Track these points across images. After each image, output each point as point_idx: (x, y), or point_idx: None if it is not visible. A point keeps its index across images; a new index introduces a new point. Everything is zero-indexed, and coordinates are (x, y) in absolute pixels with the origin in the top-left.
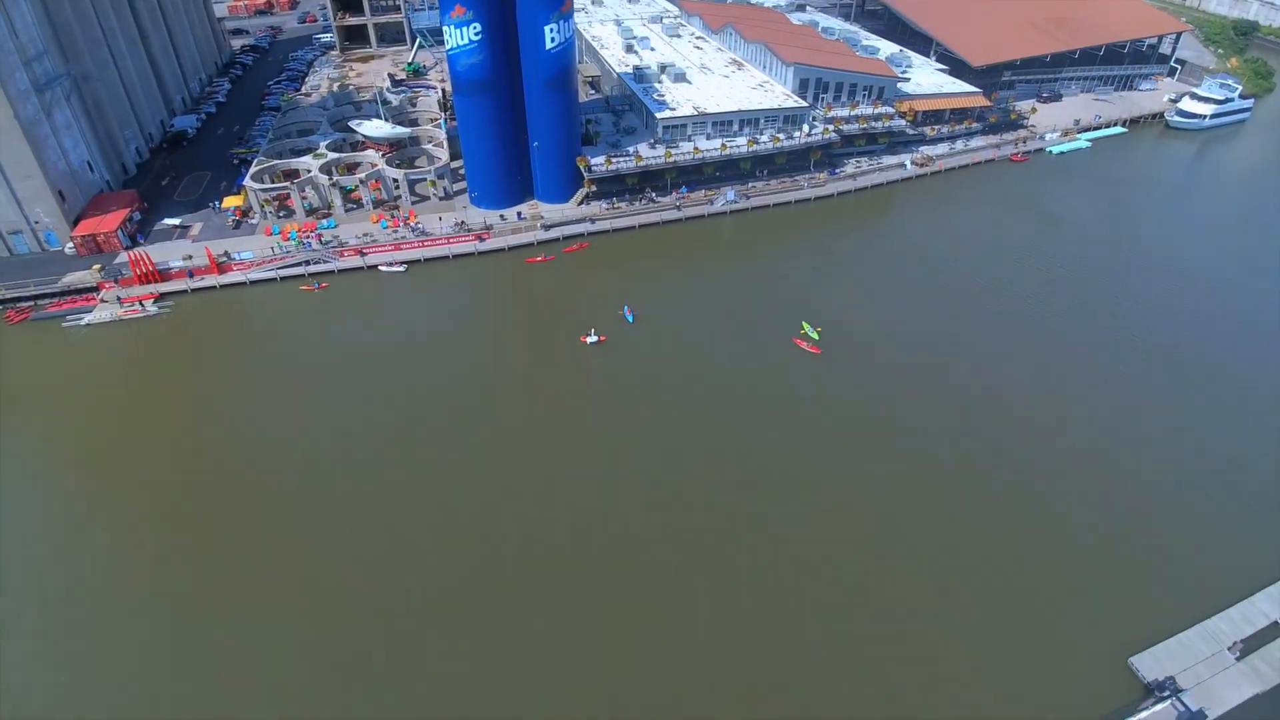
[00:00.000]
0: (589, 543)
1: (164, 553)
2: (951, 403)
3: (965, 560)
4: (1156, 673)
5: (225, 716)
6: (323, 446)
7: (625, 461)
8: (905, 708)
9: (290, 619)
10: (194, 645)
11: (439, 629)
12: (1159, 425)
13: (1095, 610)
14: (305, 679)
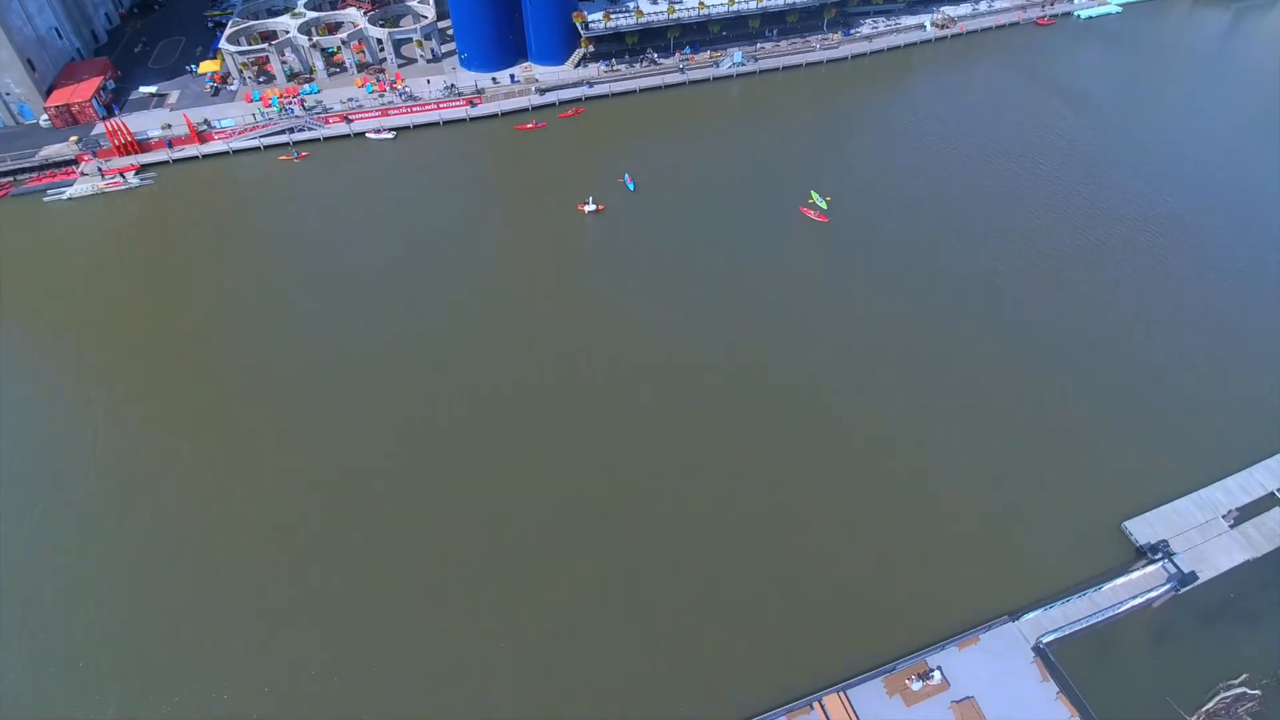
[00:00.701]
0: (587, 416)
1: (156, 419)
2: (959, 275)
3: (967, 426)
4: (1149, 537)
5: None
6: (313, 316)
7: (624, 333)
8: (905, 568)
9: (283, 482)
10: (189, 517)
11: (434, 482)
12: (1167, 297)
13: (1093, 477)
14: (300, 534)
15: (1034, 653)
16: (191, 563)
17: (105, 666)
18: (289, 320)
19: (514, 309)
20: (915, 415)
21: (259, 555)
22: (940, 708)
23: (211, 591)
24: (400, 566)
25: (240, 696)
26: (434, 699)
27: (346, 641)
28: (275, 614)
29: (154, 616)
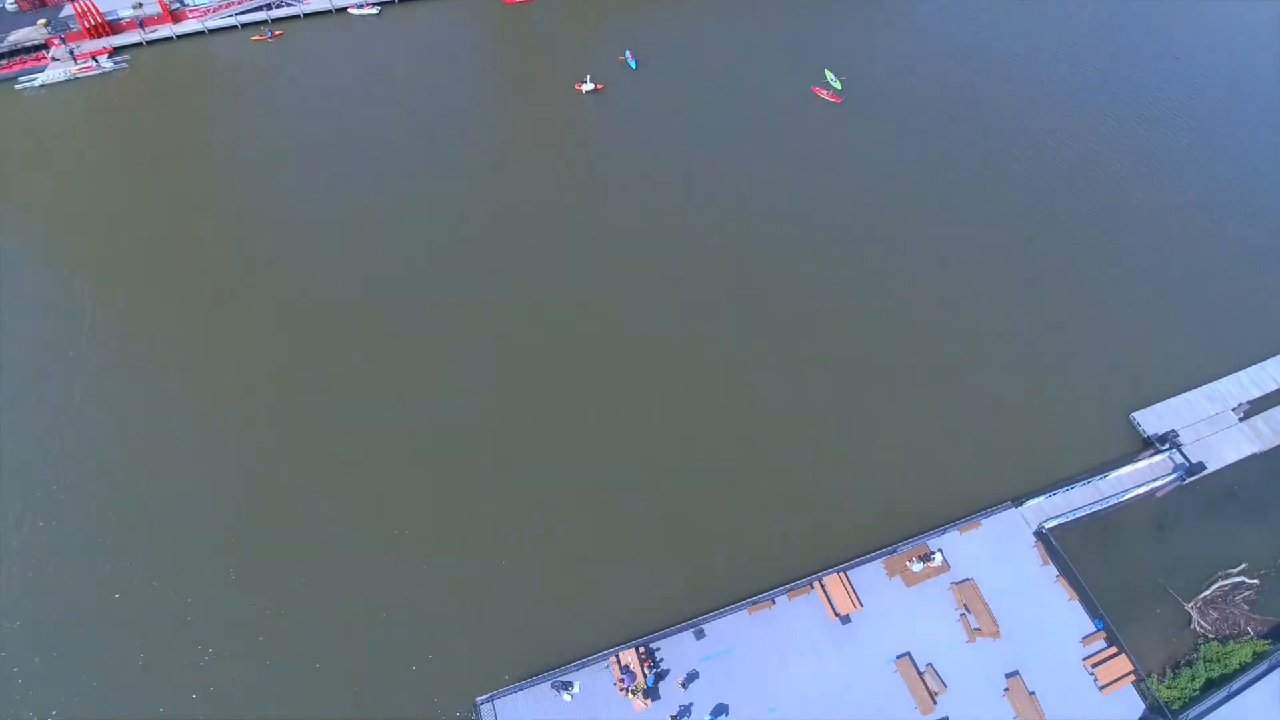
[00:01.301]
0: (585, 303)
1: (147, 304)
2: (975, 159)
3: (977, 313)
4: (1157, 428)
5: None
6: (302, 202)
7: (625, 219)
8: (909, 455)
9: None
10: (184, 394)
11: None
12: (1186, 175)
13: (1103, 368)
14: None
15: (1035, 537)
16: (193, 439)
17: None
18: (276, 201)
19: (510, 190)
20: (924, 299)
21: (261, 422)
22: (940, 589)
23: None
24: (413, 438)
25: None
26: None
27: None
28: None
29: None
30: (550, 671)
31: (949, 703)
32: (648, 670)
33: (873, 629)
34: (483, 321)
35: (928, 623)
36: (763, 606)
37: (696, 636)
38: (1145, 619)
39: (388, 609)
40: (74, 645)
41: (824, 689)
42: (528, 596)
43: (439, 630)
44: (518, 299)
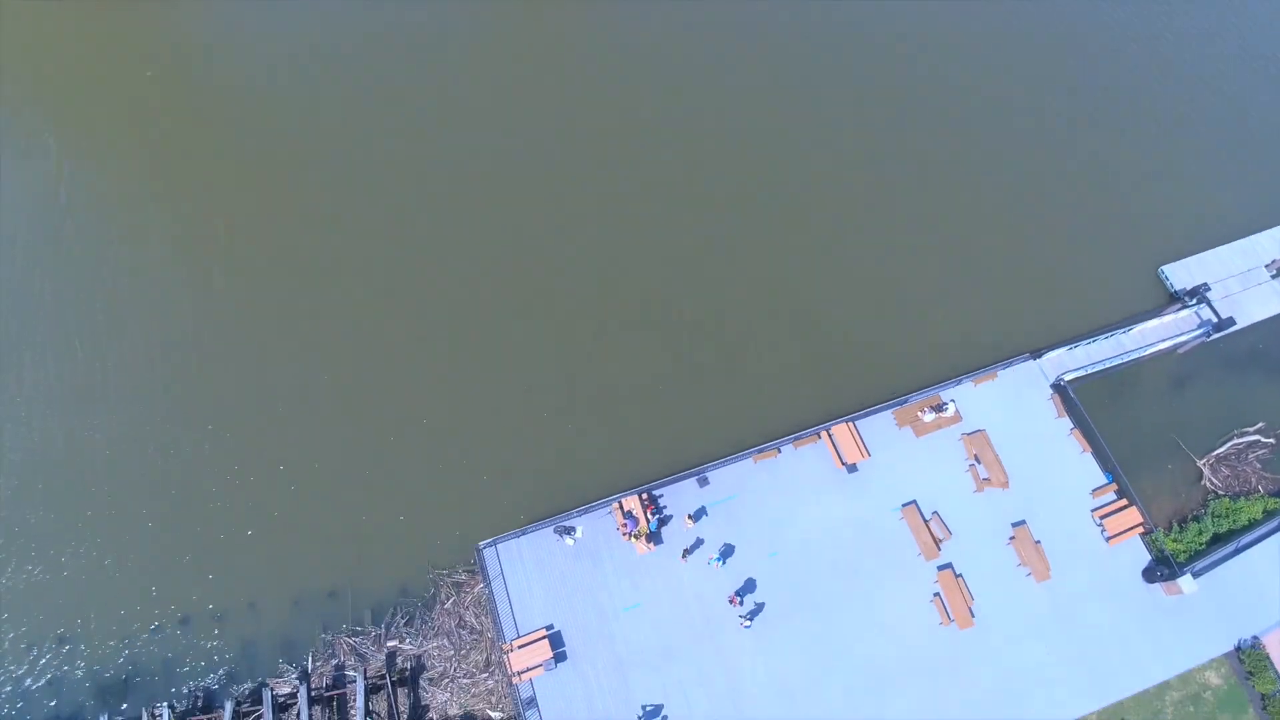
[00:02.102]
0: (587, 148)
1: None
2: None
3: (1001, 157)
4: (1186, 282)
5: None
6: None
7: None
8: (926, 306)
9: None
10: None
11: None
12: (1228, 29)
13: (1133, 218)
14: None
15: (1052, 390)
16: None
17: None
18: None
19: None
20: (945, 140)
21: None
22: (950, 439)
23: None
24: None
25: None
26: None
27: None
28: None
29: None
30: (552, 517)
31: (953, 549)
32: (650, 516)
33: (879, 478)
34: (487, 167)
35: (936, 472)
36: (768, 455)
37: (700, 484)
38: (1156, 474)
39: (388, 461)
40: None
41: (827, 535)
42: (529, 446)
43: (439, 481)
44: (524, 149)
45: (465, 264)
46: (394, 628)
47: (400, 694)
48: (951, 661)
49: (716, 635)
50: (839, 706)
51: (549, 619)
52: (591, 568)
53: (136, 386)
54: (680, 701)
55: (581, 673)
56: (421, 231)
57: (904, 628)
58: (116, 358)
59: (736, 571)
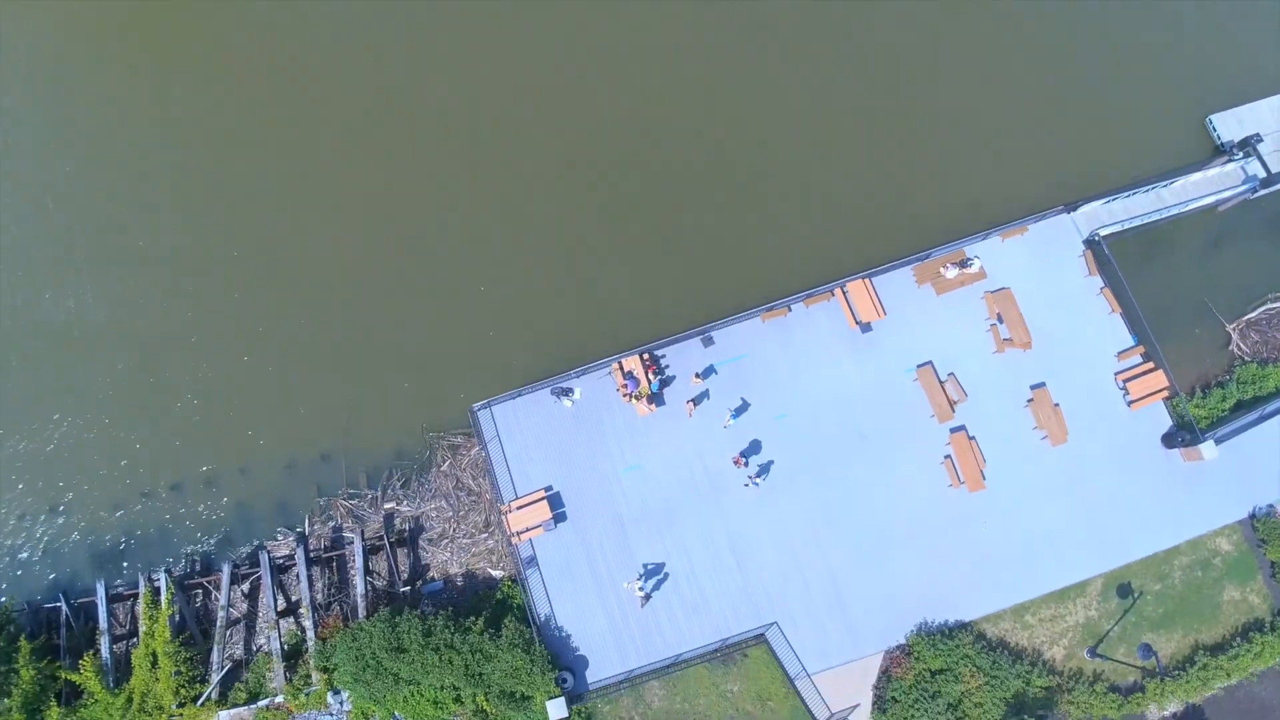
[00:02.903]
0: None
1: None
2: None
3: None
4: (1234, 134)
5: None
6: None
7: None
8: (953, 155)
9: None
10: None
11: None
12: None
13: (1181, 63)
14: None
15: (1085, 245)
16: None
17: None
18: None
19: None
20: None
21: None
22: (973, 297)
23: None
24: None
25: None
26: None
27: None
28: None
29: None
30: (549, 379)
31: (968, 412)
32: (652, 377)
33: (895, 338)
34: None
35: (955, 332)
36: (778, 313)
37: (704, 343)
38: (1183, 337)
39: (380, 323)
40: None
41: (837, 396)
42: (526, 307)
43: (434, 343)
44: None
45: (459, 116)
46: (391, 490)
47: (400, 554)
48: (959, 523)
49: (720, 496)
50: (842, 565)
51: (548, 480)
52: (591, 429)
53: (118, 245)
54: (682, 560)
55: (582, 533)
56: (416, 90)
57: (912, 490)
58: (94, 215)
59: (742, 433)
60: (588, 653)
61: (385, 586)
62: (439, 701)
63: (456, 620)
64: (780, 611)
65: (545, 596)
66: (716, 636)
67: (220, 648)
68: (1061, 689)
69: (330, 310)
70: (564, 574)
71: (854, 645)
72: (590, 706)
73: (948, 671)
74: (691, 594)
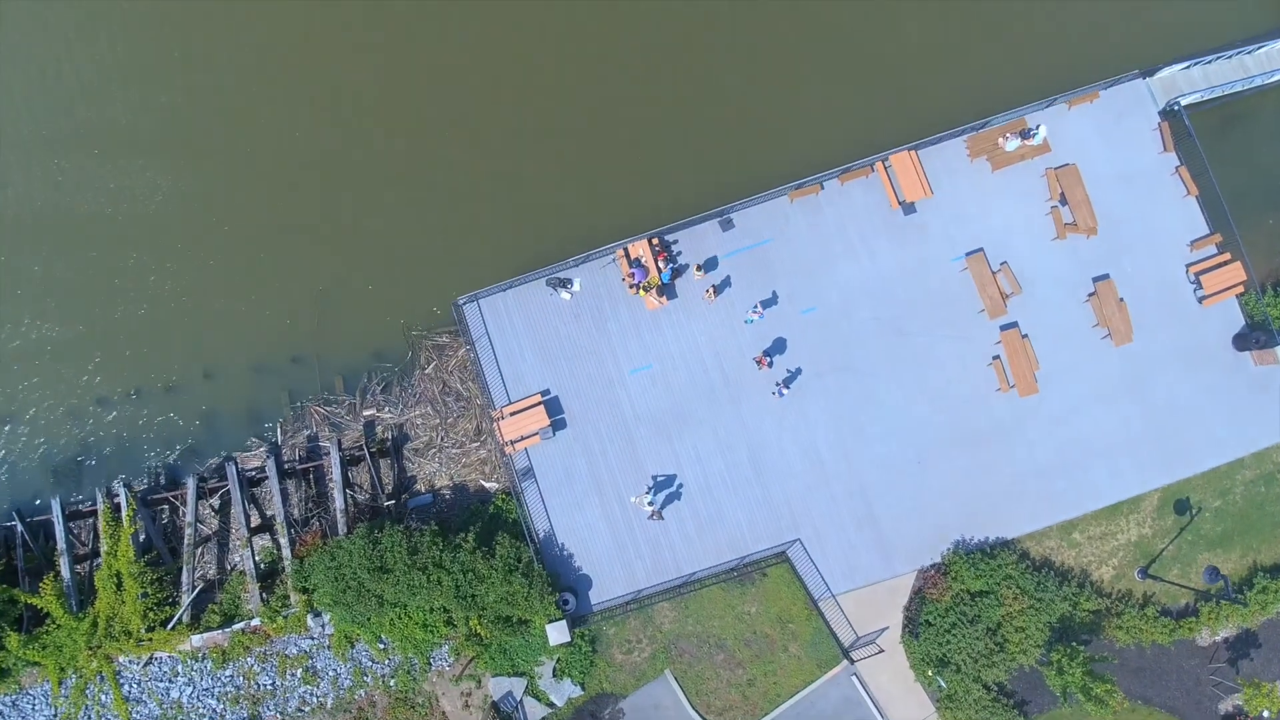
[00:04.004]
0: None
1: None
2: None
3: None
4: None
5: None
6: None
7: None
8: (1016, 11)
9: None
10: None
11: None
12: None
13: None
14: None
15: (1161, 117)
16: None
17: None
18: None
19: None
20: None
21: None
22: (1032, 174)
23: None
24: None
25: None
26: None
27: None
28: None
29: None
30: (544, 268)
31: (1021, 307)
32: (662, 264)
33: (942, 220)
34: None
35: (1011, 215)
36: (808, 191)
37: (723, 227)
38: (1260, 226)
39: (355, 205)
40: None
41: (873, 287)
42: (519, 187)
43: (414, 230)
44: None
45: None
46: (370, 396)
47: (382, 466)
48: (1005, 431)
49: (739, 400)
50: (874, 476)
51: (544, 384)
52: (592, 325)
53: (68, 129)
54: (696, 472)
55: (584, 441)
56: None
57: (955, 394)
58: (41, 96)
59: (766, 329)
60: (591, 572)
61: (368, 501)
62: (428, 625)
63: (445, 537)
64: (804, 528)
65: (544, 511)
66: (733, 554)
67: (190, 567)
68: (1110, 612)
69: (300, 195)
70: (564, 487)
71: (884, 564)
72: (594, 629)
73: (989, 594)
74: (706, 509)
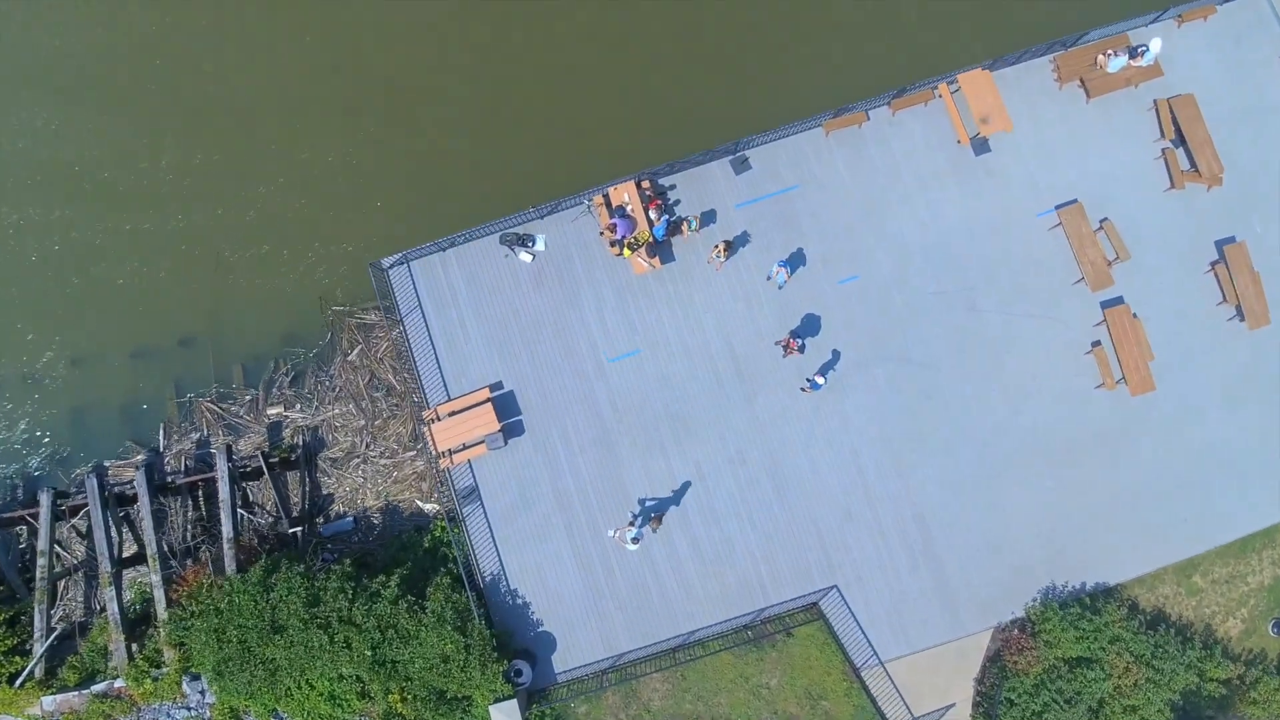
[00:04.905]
0: None
1: None
2: None
3: None
4: None
5: None
6: None
7: None
8: None
9: None
10: None
11: None
12: None
13: None
14: None
15: None
16: None
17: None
18: None
19: None
20: None
21: None
22: (1138, 105)
23: None
24: None
25: None
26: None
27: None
28: None
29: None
30: (499, 220)
31: (1131, 275)
32: (655, 215)
33: (1023, 161)
34: None
35: (1114, 156)
36: (849, 121)
37: (736, 167)
38: None
39: (257, 145)
40: None
41: (934, 250)
42: (468, 116)
43: (336, 177)
44: None
45: None
46: (277, 389)
47: (291, 480)
48: (1108, 441)
49: (755, 398)
50: (934, 502)
51: (495, 374)
52: (561, 297)
53: None
54: (698, 495)
55: (547, 452)
56: None
57: (1042, 392)
58: None
59: (794, 303)
60: (555, 629)
61: (270, 527)
62: (336, 697)
63: (360, 580)
64: (841, 570)
65: (492, 546)
66: (747, 607)
67: (42, 608)
68: (1242, 681)
69: (195, 132)
70: (519, 514)
71: (949, 619)
72: (559, 709)
73: (1091, 663)
74: (711, 544)
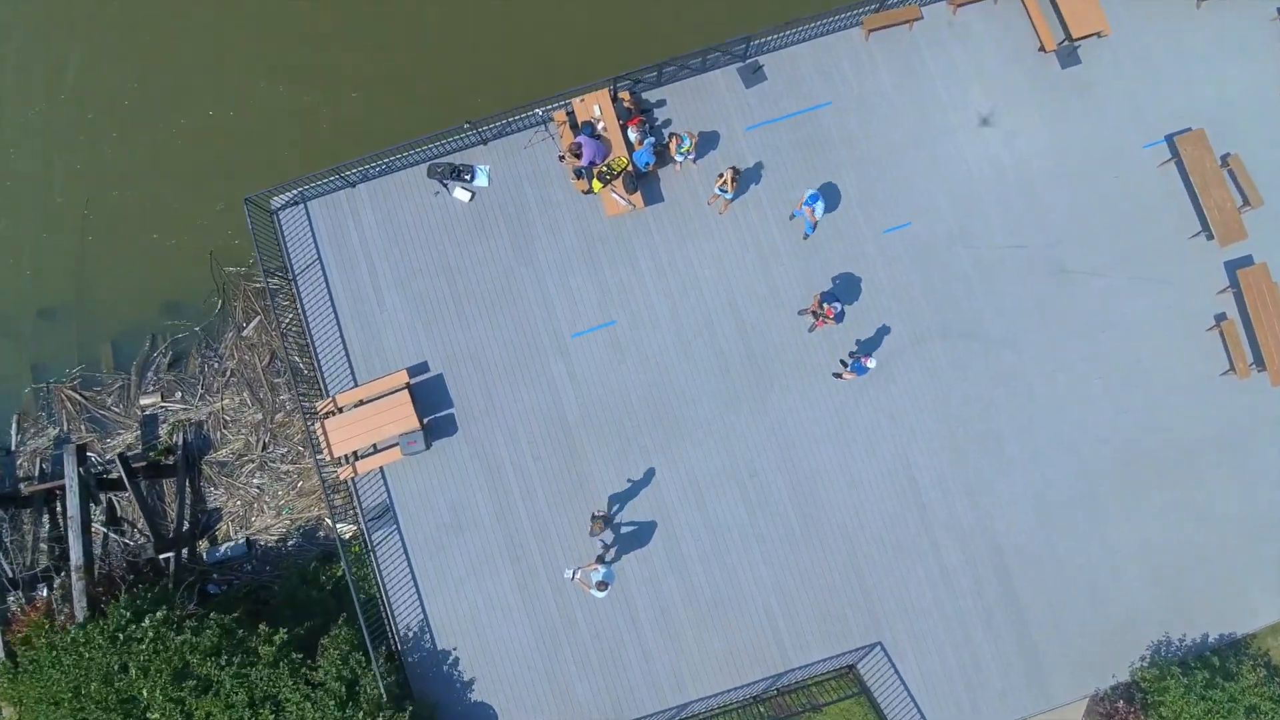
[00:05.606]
0: None
1: None
2: None
3: None
4: None
5: None
6: None
7: None
8: None
9: None
10: None
11: None
12: None
13: None
14: None
15: None
16: None
17: None
18: None
19: None
20: None
21: None
22: (1263, 11)
23: None
24: None
25: None
26: None
27: None
28: None
29: None
30: (427, 145)
31: (1265, 227)
32: (636, 136)
33: (1123, 78)
34: None
35: (1236, 70)
36: (898, 18)
37: (745, 76)
38: None
39: (111, 64)
40: None
41: (1010, 190)
42: (398, 29)
43: (226, 107)
44: None
45: None
46: (154, 373)
47: (166, 489)
48: (1233, 445)
49: (770, 386)
50: (1008, 529)
51: (417, 352)
52: (509, 247)
53: None
54: (691, 515)
55: (487, 458)
56: None
57: (1152, 380)
58: None
59: (824, 257)
60: (495, 697)
61: (136, 552)
62: None
63: (231, 635)
64: (889, 623)
65: (412, 584)
66: (760, 671)
67: None
68: None
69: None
70: (449, 541)
71: (1032, 688)
72: None
73: None
74: (709, 586)
